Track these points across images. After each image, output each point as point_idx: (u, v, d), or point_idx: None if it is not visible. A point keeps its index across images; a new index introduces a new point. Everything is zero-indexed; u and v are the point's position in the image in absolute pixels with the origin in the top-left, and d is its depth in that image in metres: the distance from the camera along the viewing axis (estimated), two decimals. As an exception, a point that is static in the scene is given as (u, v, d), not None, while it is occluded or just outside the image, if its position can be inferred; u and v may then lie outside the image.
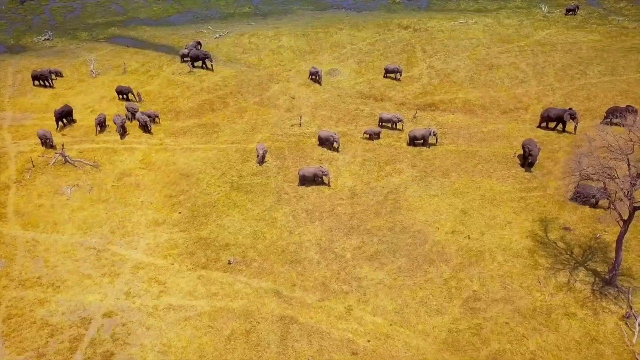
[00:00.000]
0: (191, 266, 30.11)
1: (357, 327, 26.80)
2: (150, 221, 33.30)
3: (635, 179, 26.35)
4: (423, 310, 27.80)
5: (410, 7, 70.77)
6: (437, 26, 63.12)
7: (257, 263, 30.42)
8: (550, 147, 40.83)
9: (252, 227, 32.96)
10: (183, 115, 44.71)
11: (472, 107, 46.83)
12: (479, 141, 41.69)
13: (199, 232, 32.52)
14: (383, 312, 27.67)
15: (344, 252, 31.28)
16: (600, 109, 46.20)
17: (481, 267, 30.29)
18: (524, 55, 55.46)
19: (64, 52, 56.36)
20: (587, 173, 27.58)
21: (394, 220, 33.68)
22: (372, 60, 54.83)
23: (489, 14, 67.33)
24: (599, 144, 28.36)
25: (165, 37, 60.46)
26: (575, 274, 29.87)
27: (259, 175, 37.58)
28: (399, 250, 31.45)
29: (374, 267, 30.25)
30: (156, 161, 38.86)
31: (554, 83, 50.47)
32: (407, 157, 39.71)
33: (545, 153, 39.88)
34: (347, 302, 28.14)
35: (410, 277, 29.71)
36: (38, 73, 48.34)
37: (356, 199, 35.47)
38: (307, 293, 28.64)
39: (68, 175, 37.13)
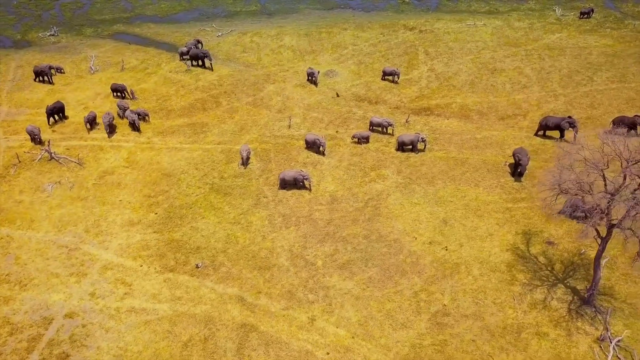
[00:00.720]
0: (159, 269, 29.89)
1: (318, 339, 26.18)
2: (125, 221, 33.20)
3: (613, 196, 25.06)
4: (388, 323, 27.01)
5: (419, 8, 69.51)
6: (443, 28, 61.79)
7: (226, 268, 30.02)
8: (543, 157, 39.48)
9: (226, 230, 32.58)
10: (174, 114, 44.61)
11: (468, 112, 45.62)
12: (471, 148, 40.54)
13: (172, 233, 32.28)
14: (347, 323, 26.98)
15: (316, 259, 30.66)
16: (603, 117, 44.53)
17: (455, 281, 29.32)
18: (530, 60, 53.86)
19: (67, 48, 56.90)
20: (565, 188, 26.35)
21: (371, 228, 32.90)
22: (372, 62, 53.93)
23: (500, 16, 65.66)
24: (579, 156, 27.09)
25: (168, 34, 60.56)
26: (553, 292, 28.69)
27: (240, 177, 37.19)
28: (372, 259, 30.69)
29: (343, 277, 29.57)
30: (140, 160, 38.80)
31: (557, 89, 48.86)
32: (394, 163, 38.82)
33: (537, 162, 38.56)
34: (311, 312, 27.54)
35: (380, 288, 28.93)
36: (39, 69, 48.81)
37: (335, 205, 34.78)
38: (271, 301, 28.12)
39: (52, 172, 37.32)
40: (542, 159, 39.39)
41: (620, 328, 26.63)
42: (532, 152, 39.92)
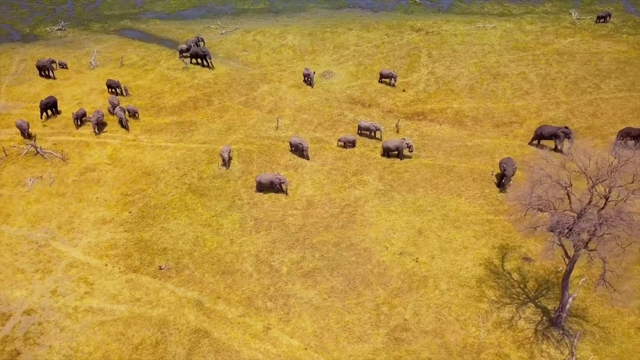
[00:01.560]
0: (123, 269, 29.84)
1: (270, 348, 25.69)
2: (98, 219, 33.30)
3: (580, 215, 23.81)
4: (344, 336, 26.33)
5: (430, 9, 68.10)
6: (451, 30, 60.33)
7: (189, 271, 29.78)
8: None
9: (195, 232, 32.35)
10: (164, 112, 44.63)
11: (463, 118, 44.36)
12: (459, 156, 39.37)
13: (142, 233, 32.21)
14: (302, 334, 26.41)
15: (281, 266, 30.16)
16: (604, 127, 42.78)
17: (420, 294, 28.43)
18: (537, 65, 52.10)
19: (72, 42, 57.61)
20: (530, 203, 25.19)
21: (343, 235, 32.21)
22: (372, 64, 52.99)
23: (512, 18, 63.78)
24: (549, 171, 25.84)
25: (172, 31, 60.77)
26: (522, 311, 27.54)
27: (219, 178, 36.92)
28: (338, 268, 30.02)
29: (306, 285, 28.99)
30: (123, 157, 38.91)
31: (560, 96, 47.11)
32: (377, 169, 37.97)
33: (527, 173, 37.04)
34: (267, 320, 27.06)
35: (342, 298, 28.25)
36: (40, 63, 49.45)
37: (311, 210, 34.18)
38: (229, 307, 27.76)
39: (36, 166, 37.73)
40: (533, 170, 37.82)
41: (588, 353, 25.38)
42: (523, 162, 38.44)
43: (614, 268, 28.72)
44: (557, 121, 43.70)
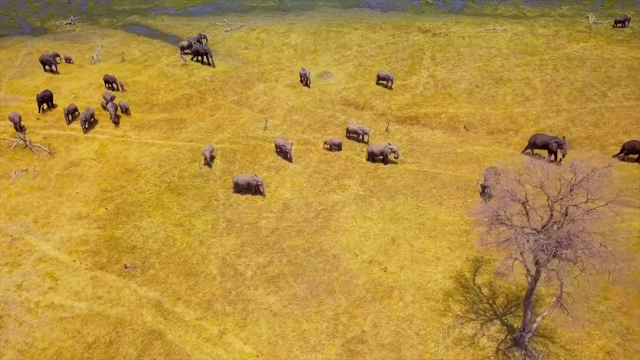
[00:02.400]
0: (90, 265, 29.98)
1: (222, 354, 25.40)
2: (74, 214, 33.56)
3: (539, 232, 22.74)
4: (299, 345, 25.85)
5: (441, 9, 66.77)
6: (459, 32, 58.98)
7: (154, 271, 29.73)
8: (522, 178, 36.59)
9: (167, 231, 32.29)
10: (157, 109, 44.79)
11: (457, 124, 43.23)
12: (447, 163, 38.33)
13: (114, 230, 32.32)
14: (256, 341, 26.03)
15: (246, 270, 29.83)
16: (605, 138, 41.10)
17: (383, 306, 27.70)
18: (543, 70, 50.44)
19: (79, 37, 58.42)
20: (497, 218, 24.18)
21: (314, 241, 31.69)
22: (372, 65, 52.16)
23: (525, 21, 61.98)
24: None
25: (178, 27, 61.06)
26: (487, 328, 26.55)
27: (199, 177, 36.80)
28: (304, 274, 29.52)
29: (268, 291, 28.58)
30: (109, 153, 39.17)
31: (562, 104, 45.47)
32: (360, 174, 37.27)
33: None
34: (223, 325, 26.77)
35: (302, 306, 27.75)
36: (44, 58, 50.19)
37: (286, 214, 33.75)
38: (188, 309, 27.57)
39: (23, 159, 38.31)
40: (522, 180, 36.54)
41: (549, 376, 24.27)
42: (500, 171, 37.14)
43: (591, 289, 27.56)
44: (555, 129, 42.19)
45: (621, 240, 30.75)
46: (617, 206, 22.87)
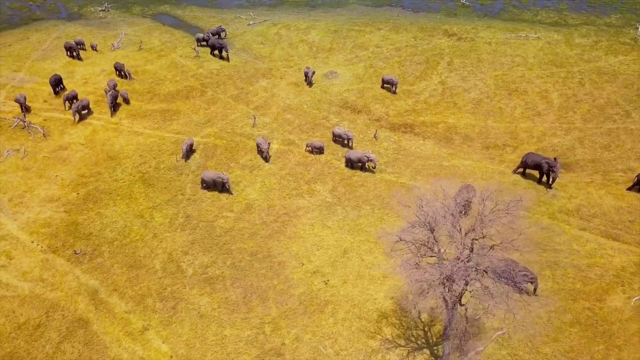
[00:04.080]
0: (45, 248, 31.00)
1: (138, 350, 25.54)
2: (47, 196, 34.82)
3: (455, 263, 21.13)
4: (215, 350, 25.54)
5: (476, 12, 63.65)
6: (487, 37, 56.03)
7: (102, 260, 30.32)
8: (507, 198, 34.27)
9: (126, 222, 32.84)
10: (156, 99, 45.64)
11: (452, 135, 41.13)
12: (427, 176, 36.55)
13: (78, 216, 33.25)
14: (175, 341, 25.96)
15: (188, 268, 29.82)
16: (612, 162, 37.90)
17: (312, 320, 26.83)
18: (567, 84, 47.04)
19: (108, 24, 60.54)
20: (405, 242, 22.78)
21: (265, 245, 31.18)
22: (383, 67, 50.60)
23: (563, 29, 57.94)
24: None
25: (204, 19, 61.85)
26: (413, 356, 25.15)
27: (174, 170, 37.17)
28: (243, 279, 29.13)
29: (203, 291, 28.43)
30: (98, 139, 40.33)
31: (576, 122, 42.20)
32: (334, 179, 36.29)
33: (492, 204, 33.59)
34: (148, 321, 26.90)
35: (231, 311, 27.39)
36: (68, 45, 52.21)
37: (246, 215, 33.43)
38: (120, 301, 27.92)
39: (18, 139, 40.19)
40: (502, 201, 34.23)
41: (463, 417, 22.56)
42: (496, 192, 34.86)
43: (539, 329, 25.57)
44: (558, 149, 39.26)
45: (593, 277, 28.16)
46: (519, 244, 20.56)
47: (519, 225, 22.19)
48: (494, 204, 21.72)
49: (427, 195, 23.48)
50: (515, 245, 21.47)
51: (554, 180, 34.78)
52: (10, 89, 47.05)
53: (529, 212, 33.50)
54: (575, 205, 33.99)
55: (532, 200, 34.40)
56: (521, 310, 26.16)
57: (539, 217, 33.12)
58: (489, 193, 21.92)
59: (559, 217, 33.18)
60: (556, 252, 30.58)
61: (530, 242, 29.95)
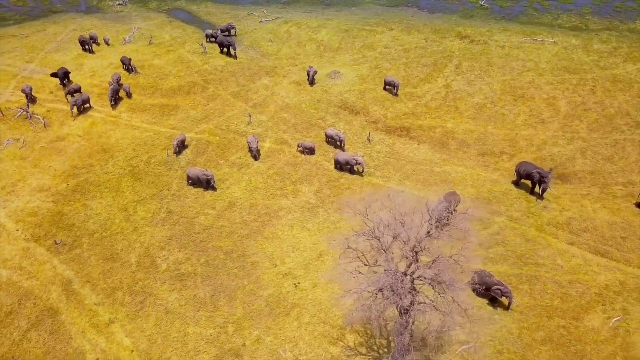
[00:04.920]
0: (28, 237, 31.71)
1: (101, 342, 25.85)
2: (39, 186, 35.60)
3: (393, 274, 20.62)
4: (175, 347, 25.65)
5: (493, 15, 62.10)
6: (501, 40, 54.60)
7: (80, 251, 30.82)
8: (493, 208, 33.47)
9: (109, 214, 33.29)
10: (158, 94, 46.12)
11: (449, 140, 40.24)
12: (416, 181, 35.87)
13: (64, 206, 33.88)
14: (138, 335, 26.18)
15: (163, 263, 30.03)
16: (613, 175, 36.46)
17: (276, 322, 26.66)
18: (577, 91, 45.47)
19: (123, 18, 61.51)
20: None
21: (241, 244, 31.16)
22: (389, 69, 49.90)
23: (582, 34, 55.98)
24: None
25: (217, 15, 62.24)
26: (372, 366, 24.62)
27: (163, 165, 37.49)
28: (214, 277, 29.16)
29: (173, 288, 28.58)
30: (95, 132, 41.01)
31: (581, 131, 40.72)
32: (320, 181, 35.98)
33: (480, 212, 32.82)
34: (115, 314, 27.20)
35: (197, 309, 27.45)
36: (82, 39, 53.22)
37: (227, 213, 33.46)
38: (92, 293, 28.33)
39: (20, 129, 41.23)
40: (489, 210, 33.44)
41: None
42: (485, 200, 34.10)
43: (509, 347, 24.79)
44: (557, 159, 37.97)
45: (573, 294, 27.11)
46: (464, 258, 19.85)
47: (477, 237, 21.35)
48: (440, 216, 20.87)
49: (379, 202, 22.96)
50: (466, 257, 20.61)
51: (544, 190, 33.59)
52: (20, 79, 48.26)
53: (516, 223, 32.52)
54: (566, 218, 32.75)
55: (521, 211, 33.40)
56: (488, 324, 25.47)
57: (525, 229, 32.05)
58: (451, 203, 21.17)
59: (547, 230, 32.02)
60: (538, 266, 29.51)
61: (512, 254, 29.22)
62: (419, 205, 23.76)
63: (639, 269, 29.46)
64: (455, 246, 25.38)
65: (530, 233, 31.76)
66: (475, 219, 32.23)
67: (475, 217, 30.44)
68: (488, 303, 27.42)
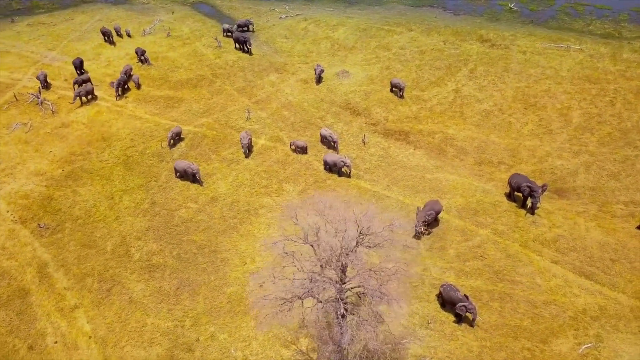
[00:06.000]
0: (16, 218, 32.87)
1: (62, 326, 26.52)
2: (35, 170, 36.84)
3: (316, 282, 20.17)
4: (131, 337, 26.02)
5: (522, 18, 59.95)
6: (524, 46, 52.60)
7: (62, 236, 31.69)
8: (479, 220, 32.34)
9: (95, 202, 34.09)
10: (166, 86, 46.88)
11: (447, 147, 39.11)
12: (404, 187, 35.05)
13: (55, 191, 34.92)
14: (99, 322, 26.72)
15: (137, 253, 30.51)
16: (615, 193, 34.59)
17: (234, 320, 26.64)
18: (594, 102, 43.32)
19: (148, 10, 62.88)
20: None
21: (215, 240, 31.28)
22: (400, 70, 48.96)
23: (613, 41, 53.26)
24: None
25: (239, 10, 62.74)
26: (321, 372, 24.19)
27: (157, 156, 38.08)
28: (182, 270, 29.41)
29: (141, 278, 29.00)
30: (98, 120, 42.09)
31: (590, 144, 38.80)
32: (307, 181, 35.70)
33: (466, 222, 31.81)
34: (82, 300, 27.85)
35: (160, 301, 27.77)
36: (104, 30, 54.71)
37: (208, 207, 33.67)
38: (64, 277, 29.08)
39: (29, 114, 42.79)
40: (474, 222, 32.32)
41: None
42: (472, 211, 32.98)
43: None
44: (558, 172, 36.28)
45: (546, 315, 25.89)
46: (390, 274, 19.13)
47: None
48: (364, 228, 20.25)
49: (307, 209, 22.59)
50: (394, 270, 19.90)
51: (534, 205, 32.08)
52: (40, 66, 50.03)
53: (500, 237, 31.26)
54: (554, 235, 31.21)
55: (508, 225, 32.08)
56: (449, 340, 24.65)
57: (509, 244, 30.75)
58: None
59: (532, 246, 30.62)
60: (514, 284, 28.26)
61: (489, 269, 28.13)
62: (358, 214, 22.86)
63: (623, 294, 27.72)
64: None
65: (513, 248, 30.43)
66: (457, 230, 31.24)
67: (403, 228, 28.21)
68: (454, 321, 26.45)
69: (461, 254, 30.07)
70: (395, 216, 23.20)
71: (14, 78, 47.77)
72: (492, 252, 30.24)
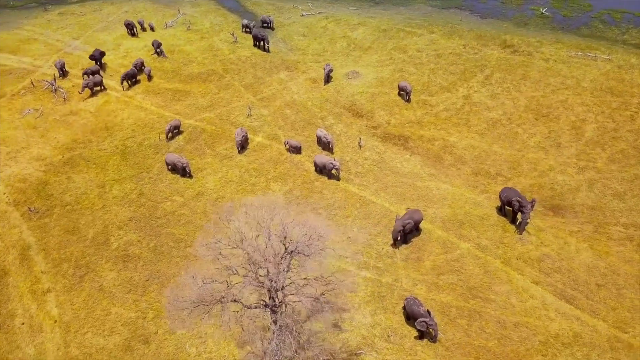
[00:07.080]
0: (10, 201, 34.11)
1: (32, 308, 27.31)
2: (37, 155, 38.13)
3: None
4: (95, 325, 26.59)
5: (551, 24, 57.54)
6: (548, 53, 50.51)
7: (49, 220, 32.65)
8: (462, 232, 31.28)
9: (86, 189, 34.96)
10: (176, 79, 47.56)
11: (445, 155, 38.00)
12: (392, 194, 34.29)
13: (51, 176, 36.03)
14: (67, 308, 27.38)
15: (115, 242, 31.10)
16: (616, 214, 32.90)
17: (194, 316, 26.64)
18: (613, 116, 41.20)
19: (174, 3, 63.92)
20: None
21: (192, 234, 31.52)
22: (413, 73, 47.92)
23: (647, 52, 50.36)
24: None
25: (263, 5, 62.92)
26: (270, 377, 23.95)
27: (154, 148, 38.68)
28: (156, 263, 29.77)
29: (114, 267, 29.55)
30: (105, 110, 43.15)
31: (598, 160, 36.89)
32: (296, 181, 35.48)
33: (448, 234, 30.87)
34: (54, 284, 28.59)
35: (128, 291, 28.24)
36: (127, 22, 56.07)
37: (192, 202, 33.95)
38: (43, 261, 29.96)
39: (42, 100, 44.34)
40: (458, 234, 31.27)
41: None
42: (457, 223, 31.94)
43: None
44: (558, 188, 34.69)
45: (515, 339, 24.85)
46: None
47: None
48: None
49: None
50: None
51: (523, 221, 30.65)
52: (61, 54, 51.71)
53: (483, 252, 30.10)
54: (540, 254, 29.77)
55: (493, 240, 30.85)
56: (406, 355, 23.94)
57: (490, 260, 29.56)
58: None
59: (514, 264, 29.31)
60: (486, 302, 27.13)
61: (463, 285, 27.21)
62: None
63: (603, 322, 26.14)
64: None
65: (493, 265, 29.22)
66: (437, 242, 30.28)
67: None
68: (415, 336, 25.64)
69: (437, 267, 29.12)
70: (323, 231, 22.45)
71: (36, 65, 49.55)
72: (470, 267, 29.12)
